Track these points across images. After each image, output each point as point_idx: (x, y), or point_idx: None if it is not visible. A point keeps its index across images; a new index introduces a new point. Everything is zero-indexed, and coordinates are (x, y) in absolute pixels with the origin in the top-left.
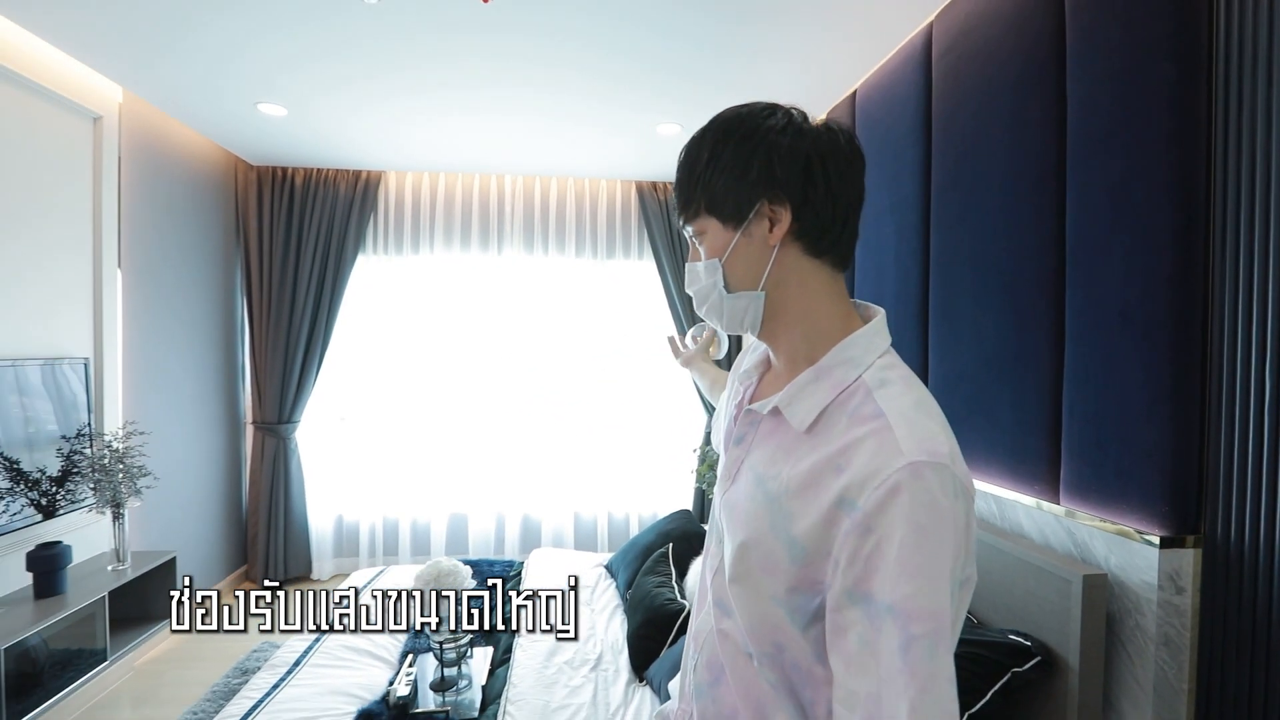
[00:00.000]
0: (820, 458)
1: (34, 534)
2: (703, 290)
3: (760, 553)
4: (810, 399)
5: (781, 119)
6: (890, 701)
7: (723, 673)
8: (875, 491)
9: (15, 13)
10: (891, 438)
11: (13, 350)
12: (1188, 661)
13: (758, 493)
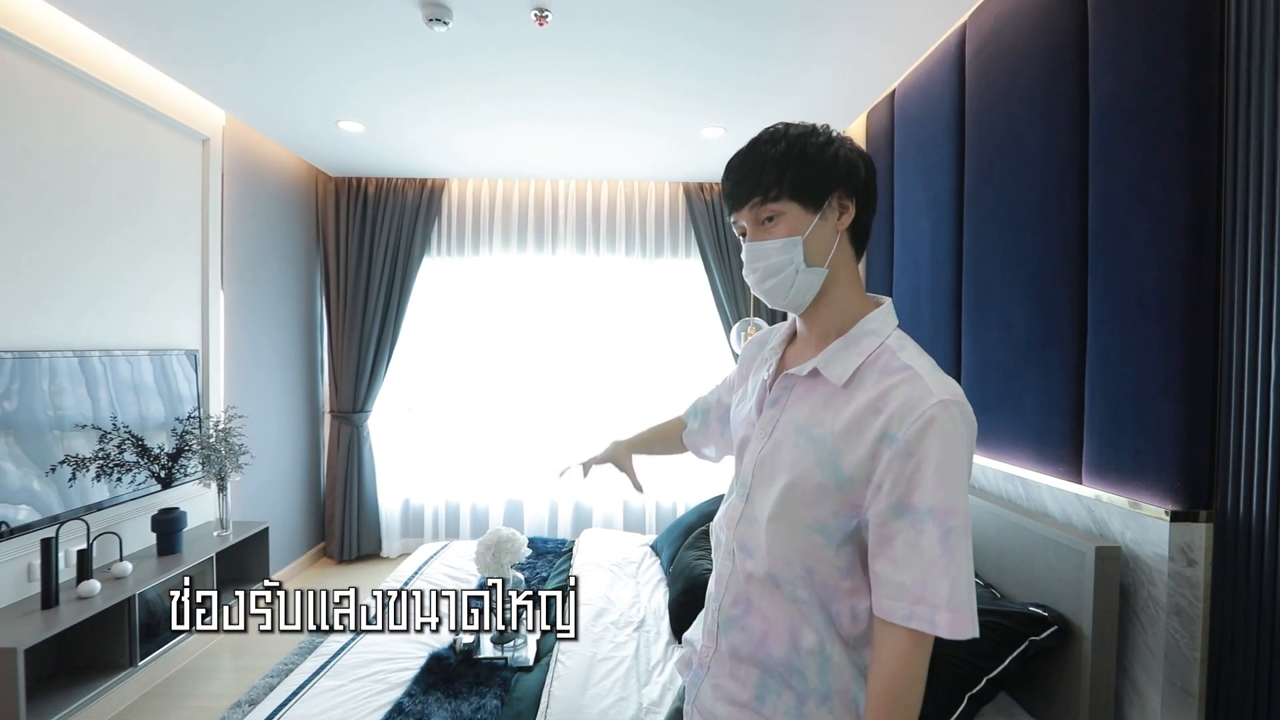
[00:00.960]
0: (861, 404)
1: (153, 502)
2: (774, 265)
3: (805, 488)
4: (846, 360)
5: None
6: (933, 582)
7: (750, 605)
8: (915, 424)
9: (139, 49)
10: (922, 384)
11: (137, 342)
12: (1200, 631)
13: (800, 439)
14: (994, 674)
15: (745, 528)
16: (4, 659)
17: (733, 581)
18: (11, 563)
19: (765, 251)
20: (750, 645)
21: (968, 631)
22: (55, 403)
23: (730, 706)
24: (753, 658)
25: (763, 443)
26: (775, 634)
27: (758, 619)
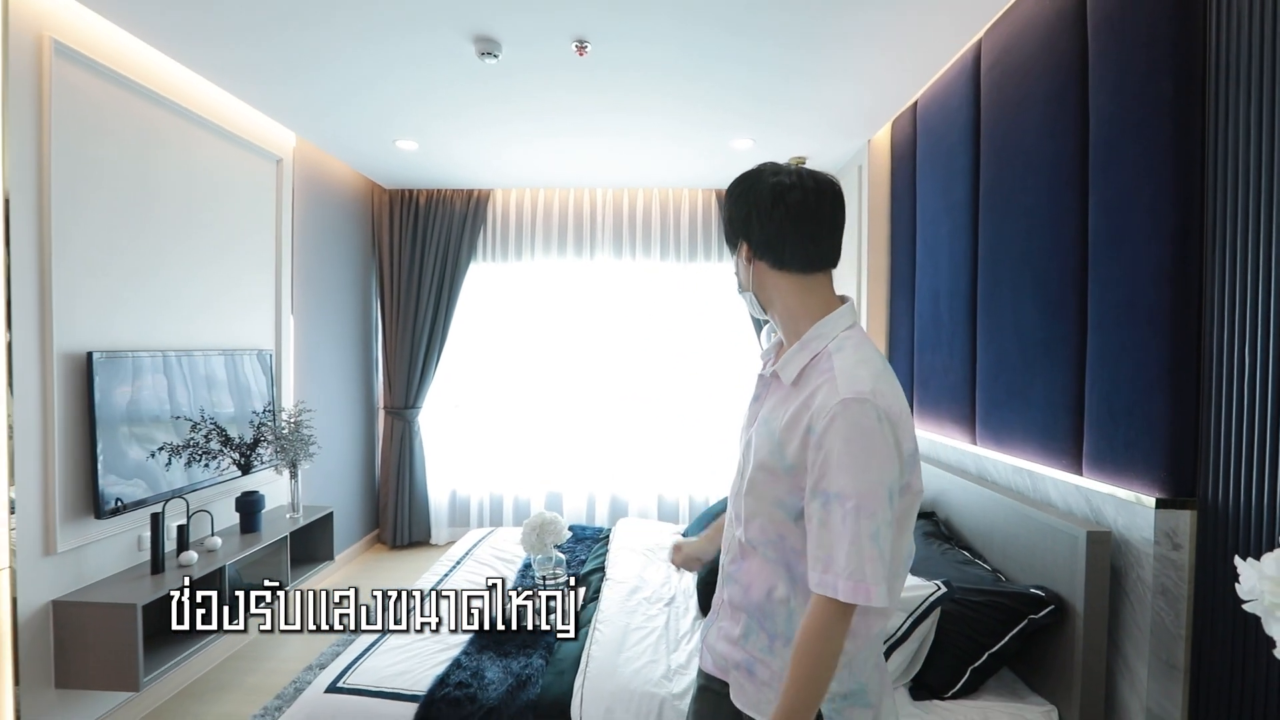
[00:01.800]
0: (799, 402)
1: (234, 486)
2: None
3: (765, 472)
4: (794, 363)
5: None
6: (836, 555)
7: (741, 563)
8: (822, 420)
9: (222, 80)
10: (834, 384)
11: (222, 344)
12: (1184, 610)
13: (764, 431)
14: (995, 649)
15: (738, 500)
16: (126, 613)
17: (731, 544)
18: (124, 535)
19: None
20: (740, 595)
21: (867, 599)
22: (157, 396)
23: (725, 643)
24: (742, 605)
25: (749, 430)
26: (756, 586)
27: (745, 574)
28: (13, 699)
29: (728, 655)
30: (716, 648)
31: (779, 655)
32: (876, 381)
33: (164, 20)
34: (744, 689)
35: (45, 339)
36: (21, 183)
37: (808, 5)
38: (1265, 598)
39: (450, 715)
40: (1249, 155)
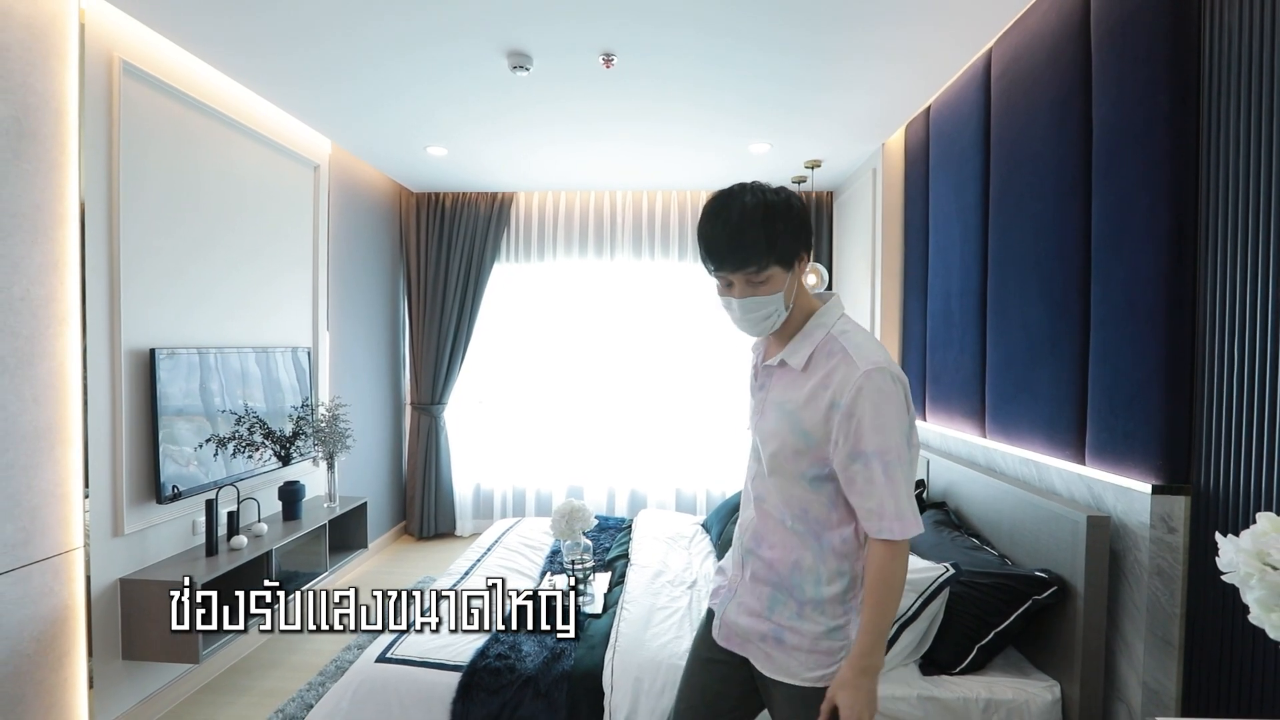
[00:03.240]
0: (815, 382)
1: (276, 476)
2: (765, 313)
3: (786, 449)
4: (802, 350)
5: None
6: (885, 502)
7: (763, 539)
8: (850, 393)
9: (263, 88)
10: (852, 361)
11: (264, 341)
12: (1179, 590)
13: (778, 413)
14: (1001, 628)
15: (759, 482)
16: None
17: (752, 523)
18: (180, 520)
19: (760, 304)
20: (764, 569)
21: (914, 530)
22: (207, 390)
23: (749, 617)
24: (766, 579)
25: (758, 417)
26: (782, 559)
27: (768, 549)
28: (86, 669)
29: (751, 629)
30: (739, 623)
31: (809, 619)
32: (884, 353)
33: (211, 31)
34: (772, 658)
35: (114, 337)
36: (95, 193)
37: (823, 20)
38: (1240, 569)
39: (491, 683)
40: (1240, 164)
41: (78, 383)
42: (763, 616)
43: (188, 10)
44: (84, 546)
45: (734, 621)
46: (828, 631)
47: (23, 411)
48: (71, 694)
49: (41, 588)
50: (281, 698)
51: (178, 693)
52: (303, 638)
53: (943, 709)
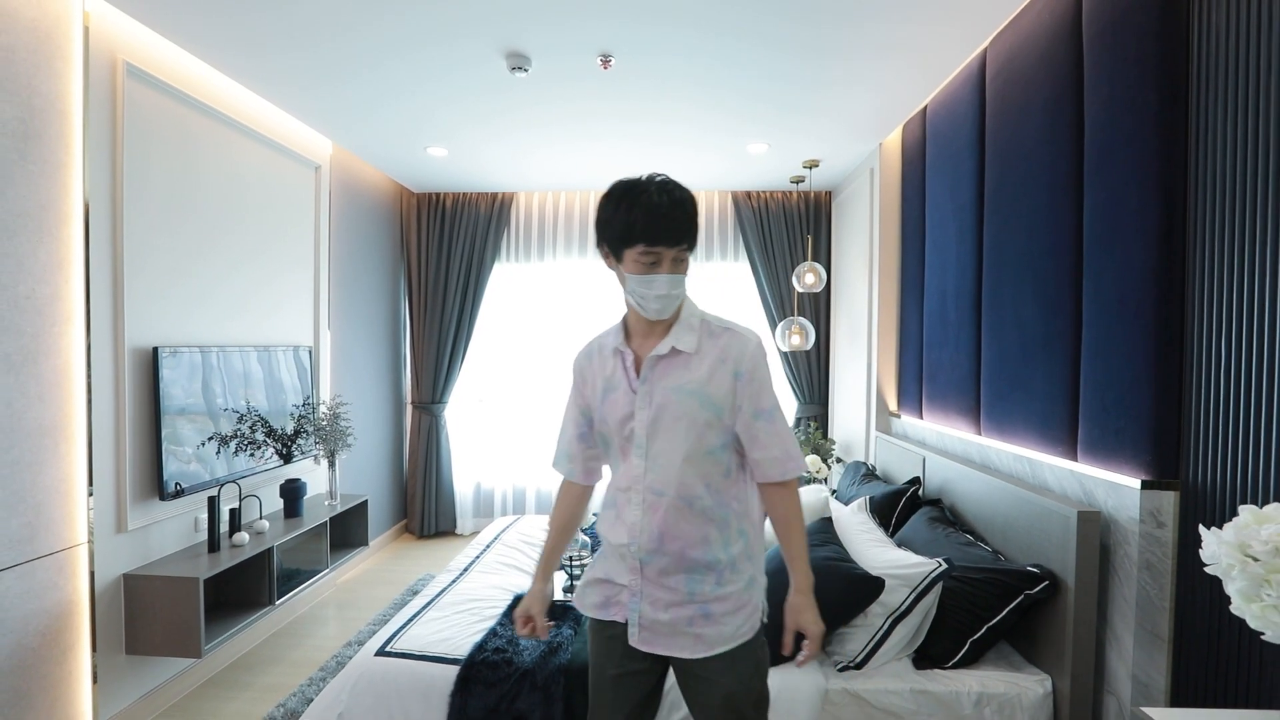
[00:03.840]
0: (712, 360)
1: (278, 474)
2: (679, 292)
3: (697, 425)
4: (688, 336)
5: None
6: (787, 447)
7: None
8: (747, 362)
9: (265, 88)
10: (738, 335)
11: (267, 340)
12: (1168, 584)
13: (679, 395)
14: (993, 622)
15: (653, 476)
16: (190, 585)
17: (645, 526)
18: (183, 516)
19: (680, 282)
20: (674, 562)
21: (803, 467)
22: (209, 389)
23: (670, 610)
24: (677, 569)
25: (647, 409)
26: (692, 543)
27: (674, 541)
28: (90, 663)
29: (676, 619)
30: (660, 619)
31: (728, 583)
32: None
33: (212, 32)
34: (703, 637)
35: (118, 335)
36: (99, 193)
37: (820, 18)
38: (1222, 560)
39: (489, 676)
40: (1227, 164)
41: (82, 380)
42: (684, 603)
43: (189, 11)
44: (88, 542)
45: (654, 620)
46: (745, 586)
47: (28, 409)
48: (75, 688)
49: (46, 582)
50: (283, 693)
51: (180, 687)
52: (302, 635)
53: (935, 702)
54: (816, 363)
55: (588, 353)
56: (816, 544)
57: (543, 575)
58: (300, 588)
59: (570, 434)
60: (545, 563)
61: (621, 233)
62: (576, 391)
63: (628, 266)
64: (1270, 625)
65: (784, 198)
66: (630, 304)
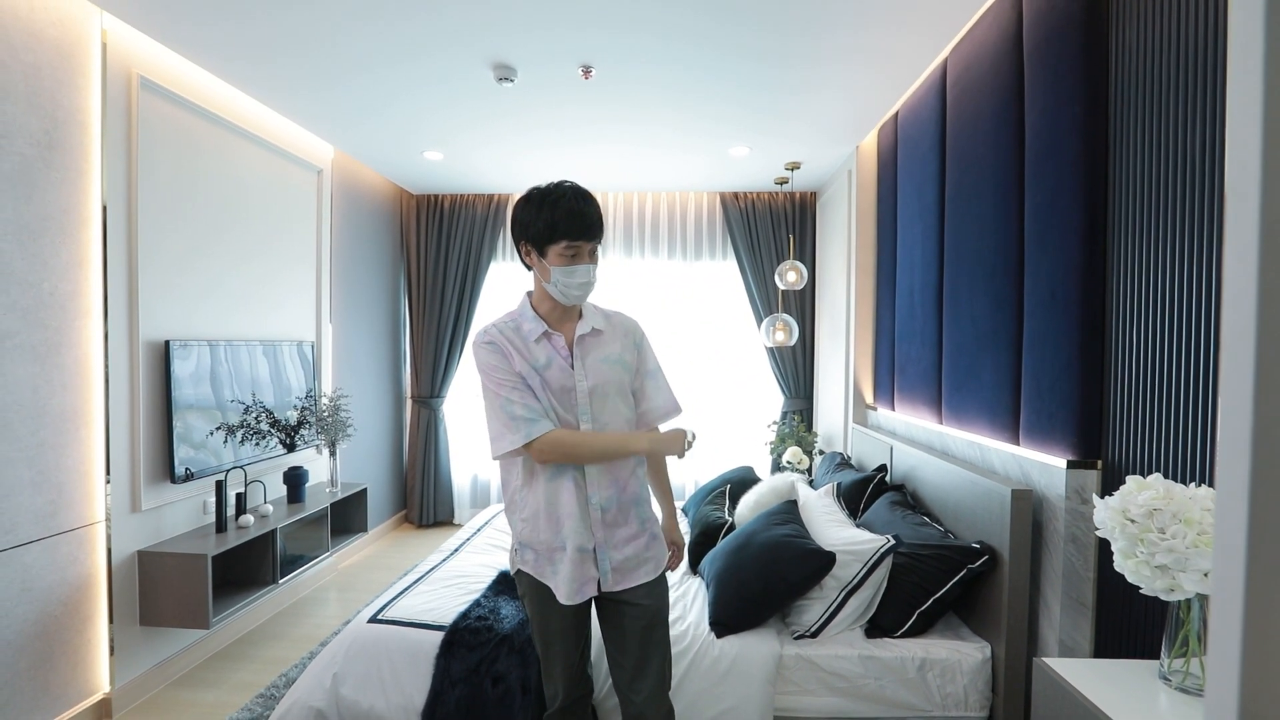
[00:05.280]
0: (618, 335)
1: (281, 462)
2: (596, 278)
3: (625, 389)
4: (598, 318)
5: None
6: (670, 397)
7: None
8: (637, 334)
9: (267, 95)
10: (624, 316)
11: (271, 335)
12: (1091, 556)
13: (607, 364)
14: (939, 594)
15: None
16: (199, 563)
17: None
18: (192, 499)
19: (594, 271)
20: (629, 500)
21: (679, 412)
22: (217, 380)
23: (631, 543)
24: (630, 504)
25: (585, 380)
26: (631, 481)
27: (622, 484)
28: (107, 633)
29: (637, 550)
30: (627, 554)
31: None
32: None
33: (218, 41)
34: (653, 559)
35: (133, 329)
36: (115, 197)
37: (791, 27)
38: (1108, 524)
39: (471, 640)
40: (1141, 170)
41: (100, 370)
42: (638, 534)
43: (196, 26)
44: (105, 520)
45: (621, 559)
46: (653, 515)
47: (52, 396)
48: (94, 654)
49: (68, 556)
50: (285, 664)
51: (190, 659)
52: (304, 614)
53: (882, 667)
54: (802, 358)
55: (510, 339)
56: (778, 523)
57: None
58: (302, 569)
59: (527, 399)
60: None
61: (545, 232)
62: (505, 367)
63: (551, 260)
64: (1143, 579)
65: (770, 198)
66: (550, 293)
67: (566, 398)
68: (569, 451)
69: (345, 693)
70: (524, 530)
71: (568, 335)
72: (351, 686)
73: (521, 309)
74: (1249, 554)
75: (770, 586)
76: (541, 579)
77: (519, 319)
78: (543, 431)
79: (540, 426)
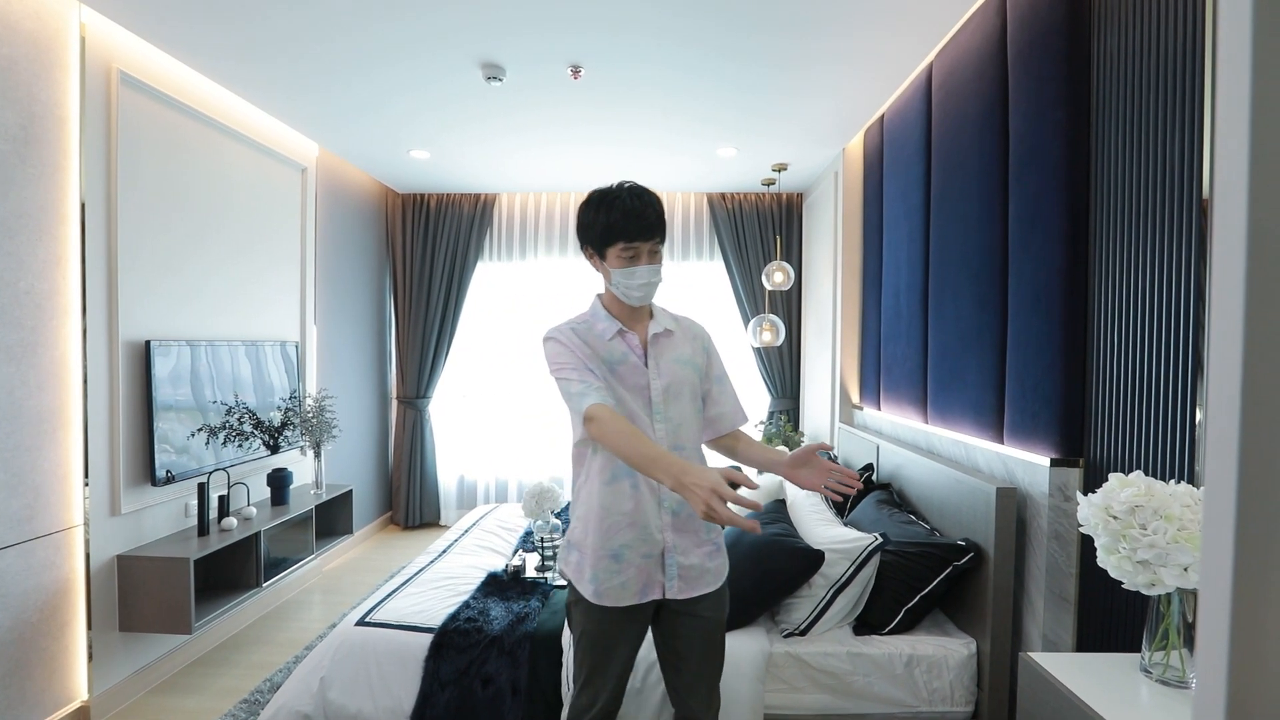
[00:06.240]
0: (689, 338)
1: (265, 464)
2: (660, 278)
3: (696, 391)
4: (669, 320)
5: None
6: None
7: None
8: (705, 338)
9: (253, 94)
10: (691, 320)
11: (254, 335)
12: (1074, 552)
13: (680, 365)
14: (925, 591)
15: (673, 435)
16: (181, 566)
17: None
18: (174, 502)
19: (659, 271)
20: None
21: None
22: (199, 381)
23: (697, 549)
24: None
25: (659, 379)
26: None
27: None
28: (85, 639)
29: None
30: (693, 563)
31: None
32: None
33: (202, 41)
34: (718, 569)
35: (113, 329)
36: (94, 194)
37: (780, 28)
38: (1091, 520)
39: (460, 642)
40: (1122, 174)
41: (78, 371)
42: (703, 541)
43: (179, 21)
44: (83, 524)
45: (688, 565)
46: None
47: (28, 397)
48: (72, 661)
49: (44, 561)
50: (269, 669)
51: (171, 664)
52: (288, 618)
53: (870, 663)
54: (788, 359)
55: (583, 334)
56: (768, 522)
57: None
58: (287, 572)
59: (584, 375)
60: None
61: (603, 234)
62: (571, 354)
63: (611, 263)
64: (1125, 574)
65: (757, 199)
66: (616, 295)
67: (640, 395)
68: (603, 429)
69: (333, 696)
70: (574, 529)
71: (641, 335)
72: (339, 690)
73: (594, 310)
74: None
75: (759, 585)
76: (579, 585)
77: (591, 320)
78: (590, 403)
79: (589, 398)
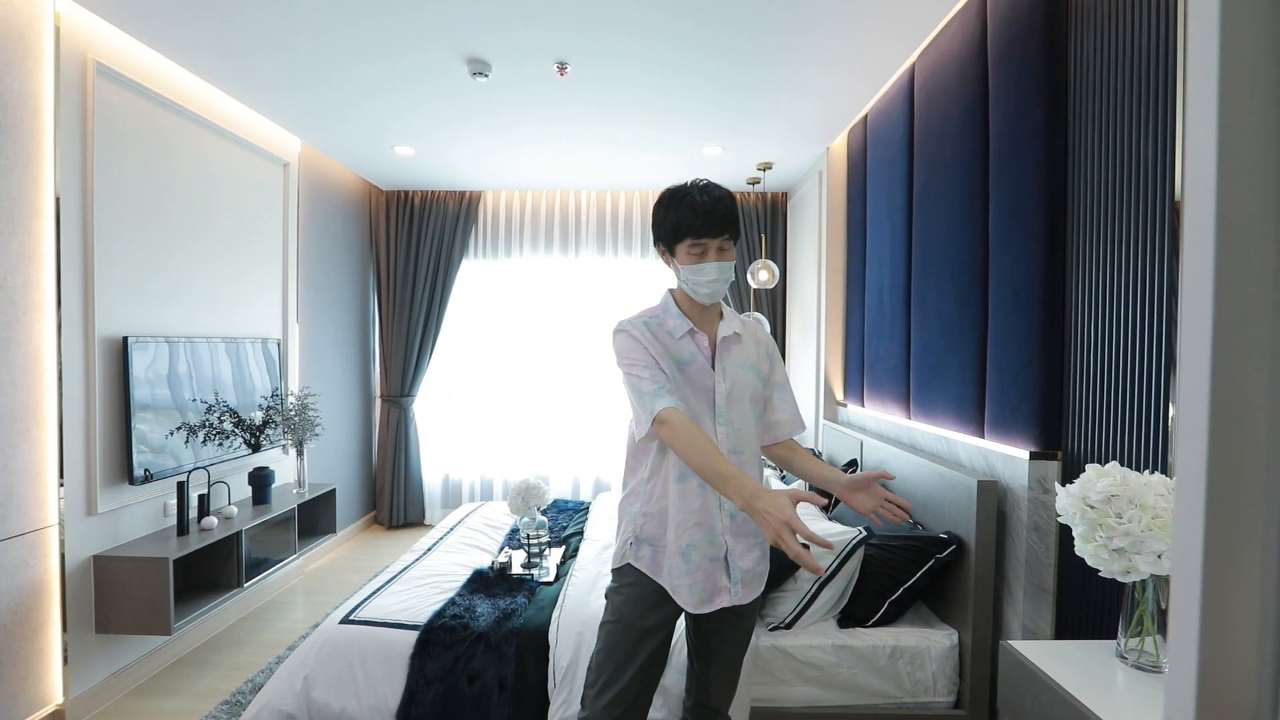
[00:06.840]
0: (755, 343)
1: (247, 462)
2: (728, 276)
3: (758, 396)
4: (736, 323)
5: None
6: (796, 410)
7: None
8: (767, 343)
9: (236, 90)
10: (757, 323)
11: (235, 332)
12: (1053, 543)
13: (744, 370)
14: (909, 584)
15: (733, 439)
16: (159, 566)
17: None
18: (152, 501)
19: (729, 269)
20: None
21: (805, 424)
22: (178, 378)
23: (751, 553)
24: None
25: (724, 382)
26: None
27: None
28: (60, 642)
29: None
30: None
31: None
32: None
33: (182, 35)
34: (764, 575)
35: (89, 324)
36: (69, 187)
37: (765, 28)
38: (1069, 510)
39: (446, 639)
40: (1099, 174)
41: (53, 367)
42: (754, 546)
43: (158, 15)
44: (58, 524)
45: (745, 570)
46: None
47: (0, 394)
48: (46, 665)
49: (17, 562)
50: (251, 670)
51: (150, 666)
52: (270, 619)
53: (854, 655)
54: None
55: (654, 330)
56: None
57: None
58: (268, 572)
59: (655, 375)
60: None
61: (672, 230)
62: (643, 350)
63: (680, 259)
64: (1101, 562)
65: (742, 198)
66: (686, 291)
67: (704, 397)
68: (675, 435)
69: (316, 695)
70: (644, 525)
71: (711, 336)
72: (323, 689)
73: (665, 306)
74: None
75: None
76: (657, 579)
77: (663, 316)
78: (663, 406)
79: (661, 400)
